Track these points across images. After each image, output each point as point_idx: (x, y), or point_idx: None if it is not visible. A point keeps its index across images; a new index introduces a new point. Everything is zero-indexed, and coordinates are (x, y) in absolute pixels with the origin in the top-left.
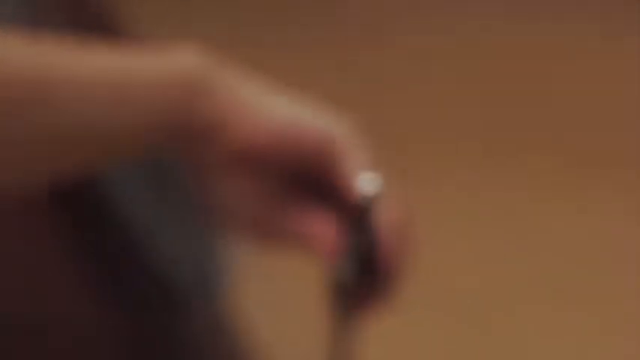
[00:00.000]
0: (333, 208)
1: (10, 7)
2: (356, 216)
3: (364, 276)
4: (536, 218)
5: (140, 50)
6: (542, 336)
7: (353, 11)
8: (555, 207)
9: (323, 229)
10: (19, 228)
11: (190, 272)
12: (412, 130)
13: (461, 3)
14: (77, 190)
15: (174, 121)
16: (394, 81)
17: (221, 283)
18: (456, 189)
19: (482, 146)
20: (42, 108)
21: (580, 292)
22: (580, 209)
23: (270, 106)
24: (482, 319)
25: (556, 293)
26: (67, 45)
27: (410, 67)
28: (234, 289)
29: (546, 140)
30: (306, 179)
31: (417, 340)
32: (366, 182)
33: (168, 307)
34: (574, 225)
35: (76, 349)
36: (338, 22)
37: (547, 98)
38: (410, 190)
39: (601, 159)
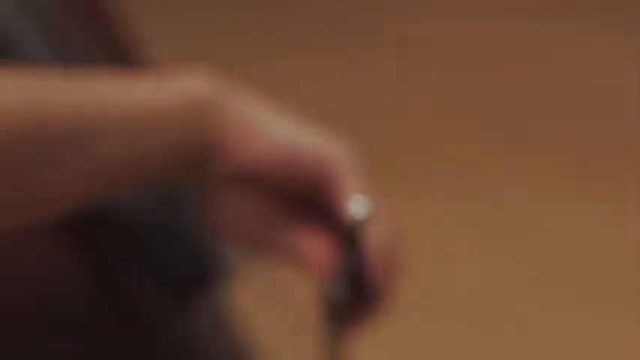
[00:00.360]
0: (328, 229)
1: (12, 7)
2: (347, 237)
3: (355, 295)
4: (536, 218)
5: (148, 75)
6: (543, 336)
7: (353, 11)
8: (555, 207)
9: (316, 247)
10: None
11: (190, 272)
12: (412, 130)
13: (461, 3)
14: None
15: (186, 145)
16: (394, 81)
17: (221, 283)
18: (456, 189)
19: (481, 146)
20: (73, 146)
21: (580, 292)
22: (580, 209)
23: (274, 128)
24: (483, 319)
25: (556, 293)
26: (81, 78)
27: (410, 67)
28: (233, 289)
29: (546, 139)
30: (304, 199)
31: (417, 340)
32: (357, 205)
33: (168, 307)
34: (574, 225)
35: (76, 349)
36: (338, 22)
37: (547, 98)
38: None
39: (601, 159)
